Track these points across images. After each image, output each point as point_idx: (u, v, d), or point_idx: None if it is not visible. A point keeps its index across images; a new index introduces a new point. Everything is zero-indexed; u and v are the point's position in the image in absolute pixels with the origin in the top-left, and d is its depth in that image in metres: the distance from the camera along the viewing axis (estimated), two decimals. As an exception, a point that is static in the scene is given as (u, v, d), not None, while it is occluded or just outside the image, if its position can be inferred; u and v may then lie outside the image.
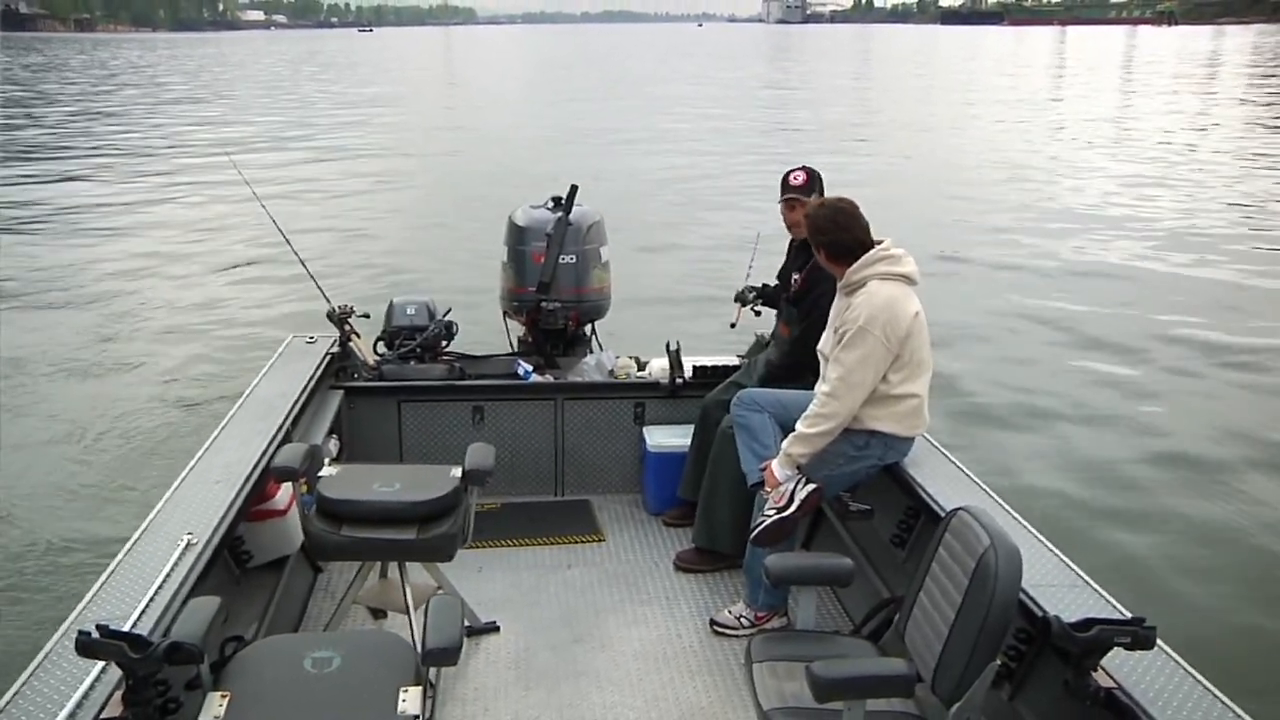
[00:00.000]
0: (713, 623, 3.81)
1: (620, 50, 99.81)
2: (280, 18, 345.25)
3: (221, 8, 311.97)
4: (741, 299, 4.62)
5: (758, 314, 4.66)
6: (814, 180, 4.16)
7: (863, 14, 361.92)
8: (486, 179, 17.76)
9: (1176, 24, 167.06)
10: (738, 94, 40.25)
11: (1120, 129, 27.10)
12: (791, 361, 4.06)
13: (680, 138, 25.74)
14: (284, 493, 3.62)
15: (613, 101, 36.30)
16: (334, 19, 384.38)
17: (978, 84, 45.63)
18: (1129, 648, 2.39)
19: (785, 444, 3.52)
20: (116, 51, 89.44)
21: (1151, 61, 64.01)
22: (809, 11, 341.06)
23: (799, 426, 3.48)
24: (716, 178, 18.88)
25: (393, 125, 29.69)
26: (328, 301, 4.92)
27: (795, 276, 4.22)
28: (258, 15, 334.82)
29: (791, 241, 4.36)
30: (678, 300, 10.20)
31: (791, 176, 4.18)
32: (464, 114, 33.88)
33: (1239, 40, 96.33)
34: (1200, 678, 2.42)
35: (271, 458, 3.49)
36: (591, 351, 5.22)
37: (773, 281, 4.59)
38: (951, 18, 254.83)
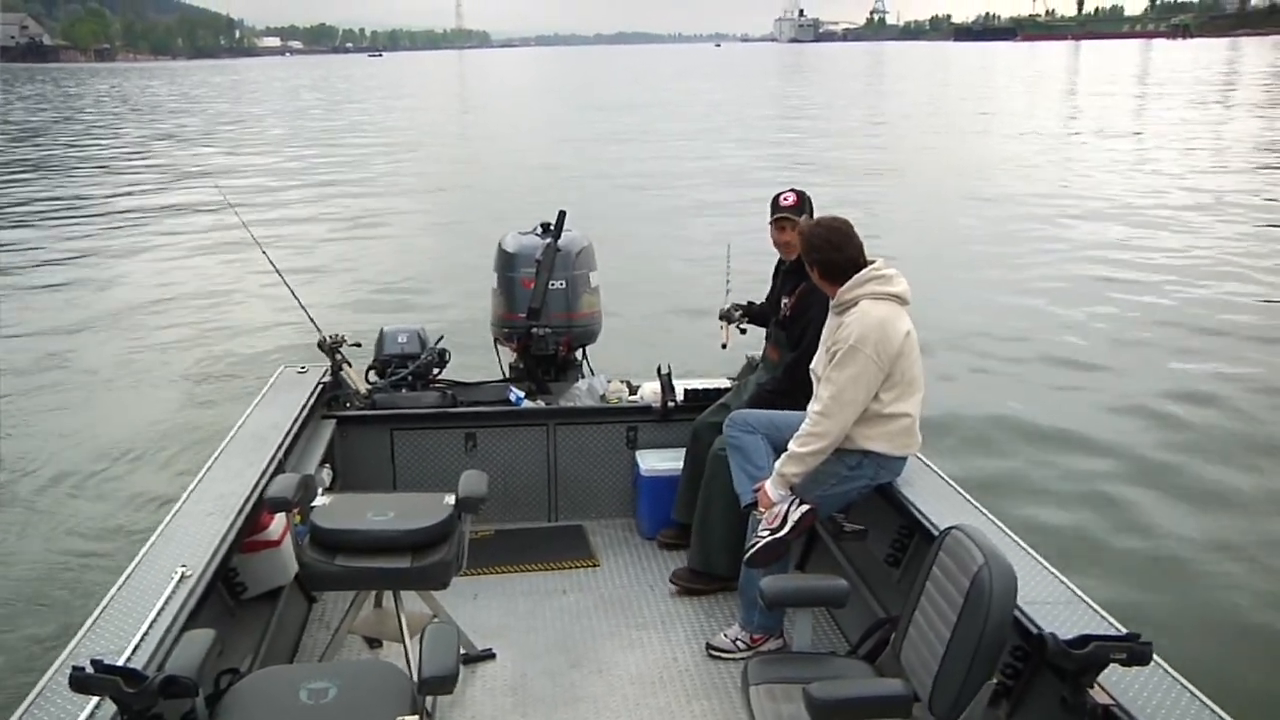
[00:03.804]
0: (709, 647, 3.80)
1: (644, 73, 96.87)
2: (296, 44, 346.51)
3: (238, 35, 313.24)
4: (727, 317, 4.61)
5: (743, 332, 4.65)
6: (804, 202, 4.14)
7: (875, 31, 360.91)
8: (482, 207, 17.76)
9: (1191, 36, 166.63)
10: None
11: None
12: (783, 388, 4.06)
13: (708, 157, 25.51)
14: (278, 523, 3.61)
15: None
16: (349, 44, 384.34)
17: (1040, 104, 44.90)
18: (1125, 664, 2.39)
19: (778, 464, 3.52)
20: (133, 80, 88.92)
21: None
22: (821, 30, 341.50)
23: (791, 446, 3.48)
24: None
25: (392, 153, 29.68)
26: (318, 331, 4.91)
27: (784, 301, 4.20)
28: (273, 41, 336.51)
29: (779, 266, 4.35)
30: (669, 323, 10.23)
31: (781, 198, 4.16)
32: (471, 142, 33.63)
33: (1257, 52, 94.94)
34: (1197, 692, 2.42)
35: (265, 488, 3.48)
36: (583, 376, 5.22)
37: (756, 298, 4.57)
38: (964, 34, 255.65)
